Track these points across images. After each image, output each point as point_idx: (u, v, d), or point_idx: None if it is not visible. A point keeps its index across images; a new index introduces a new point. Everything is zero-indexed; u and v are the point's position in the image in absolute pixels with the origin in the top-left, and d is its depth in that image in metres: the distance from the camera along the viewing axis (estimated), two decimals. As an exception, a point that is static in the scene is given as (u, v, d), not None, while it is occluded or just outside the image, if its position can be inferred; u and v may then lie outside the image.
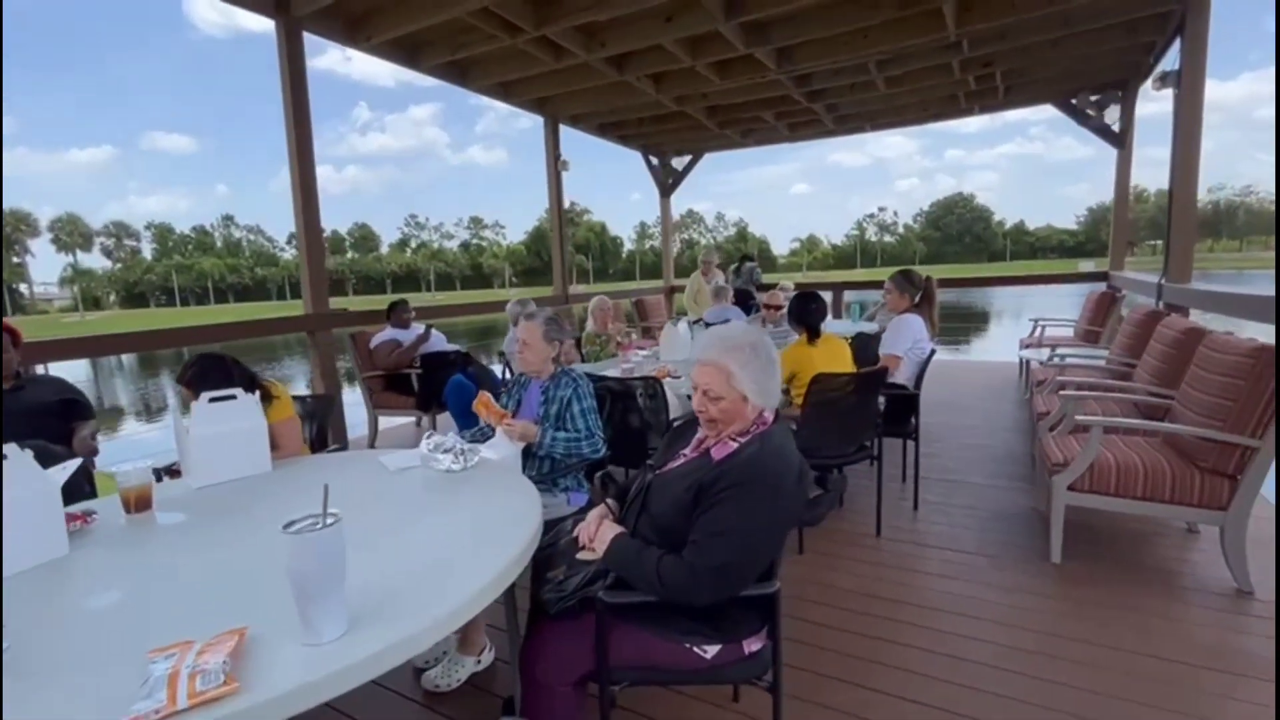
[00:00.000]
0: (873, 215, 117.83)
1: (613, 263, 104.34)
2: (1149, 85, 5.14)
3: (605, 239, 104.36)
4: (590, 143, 8.03)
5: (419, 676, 2.02)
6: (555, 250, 7.55)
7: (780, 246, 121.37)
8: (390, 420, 5.20)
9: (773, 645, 1.38)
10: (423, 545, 1.38)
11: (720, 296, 5.80)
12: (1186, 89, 4.10)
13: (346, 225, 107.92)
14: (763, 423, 1.39)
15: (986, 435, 4.54)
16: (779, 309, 5.16)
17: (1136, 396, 3.11)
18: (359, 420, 5.10)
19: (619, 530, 1.41)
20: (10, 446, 1.40)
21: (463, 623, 1.14)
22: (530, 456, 2.21)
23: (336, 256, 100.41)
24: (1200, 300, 3.83)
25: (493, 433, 2.23)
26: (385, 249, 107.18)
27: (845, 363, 3.09)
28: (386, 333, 4.96)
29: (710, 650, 1.33)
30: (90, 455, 2.72)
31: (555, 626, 1.38)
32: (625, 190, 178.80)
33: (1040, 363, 4.64)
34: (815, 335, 3.08)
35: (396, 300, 5.12)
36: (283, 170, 4.50)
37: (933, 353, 3.38)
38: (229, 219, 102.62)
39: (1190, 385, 2.62)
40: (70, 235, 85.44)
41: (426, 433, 1.94)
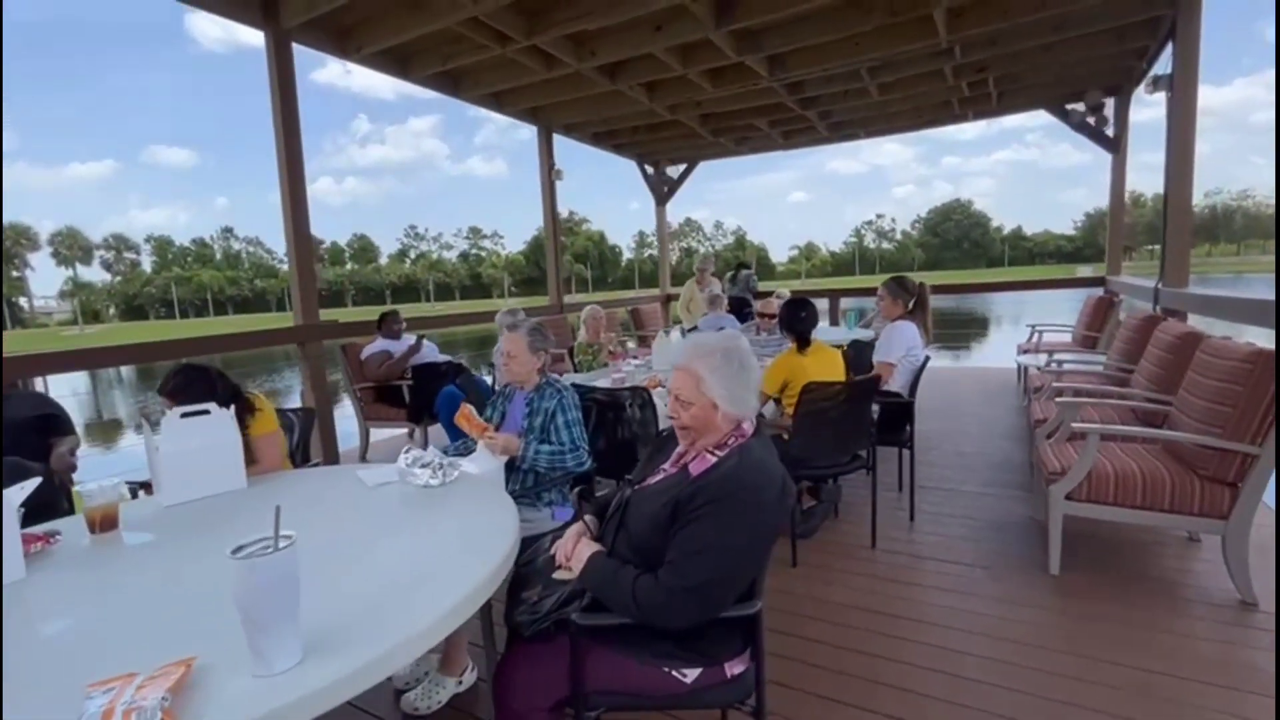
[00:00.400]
0: (870, 222, 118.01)
1: (612, 271, 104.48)
2: (1142, 89, 5.14)
3: (604, 248, 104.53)
4: (589, 152, 8.02)
5: (399, 699, 1.96)
6: (550, 260, 7.52)
7: (779, 254, 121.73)
8: (382, 432, 5.16)
9: (756, 667, 1.33)
10: (393, 564, 1.34)
11: (715, 305, 5.76)
12: (1179, 92, 4.07)
13: (346, 237, 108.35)
14: (741, 435, 1.34)
15: (983, 443, 4.48)
16: (773, 317, 5.13)
17: (1134, 403, 3.07)
18: (351, 432, 5.06)
19: (596, 549, 1.36)
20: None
21: (429, 646, 1.10)
22: (514, 470, 2.16)
23: (336, 268, 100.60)
24: (1198, 304, 3.79)
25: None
26: (384, 260, 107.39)
27: (837, 371, 3.05)
28: (377, 344, 4.92)
29: (690, 674, 1.27)
30: (68, 471, 2.68)
31: (529, 650, 1.33)
32: (624, 199, 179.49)
33: (1038, 368, 4.60)
34: (806, 344, 3.04)
35: (387, 311, 5.08)
36: (280, 182, 4.47)
37: (927, 360, 3.34)
38: (228, 231, 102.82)
39: (1188, 391, 2.57)
40: (70, 248, 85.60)
41: (405, 447, 1.90)
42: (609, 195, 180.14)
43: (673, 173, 9.32)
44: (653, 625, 1.22)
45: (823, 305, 7.56)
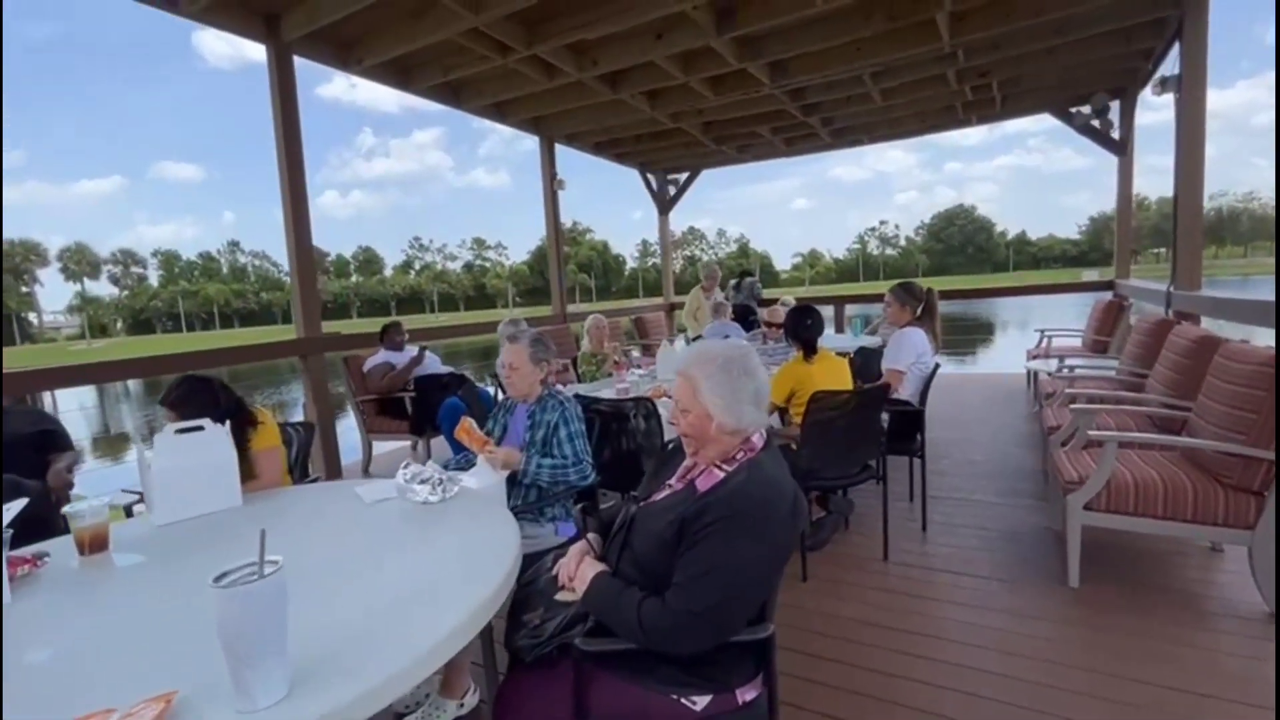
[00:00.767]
0: (874, 229, 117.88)
1: (615, 280, 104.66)
2: (1149, 91, 5.09)
3: (608, 257, 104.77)
4: (592, 162, 8.02)
5: (398, 722, 1.90)
6: (553, 270, 7.50)
7: (782, 261, 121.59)
8: (385, 445, 5.11)
9: (769, 693, 1.26)
10: (390, 584, 1.28)
11: (719, 313, 5.71)
12: (1188, 93, 4.02)
13: (351, 249, 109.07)
14: (750, 449, 1.28)
15: (994, 450, 4.41)
16: (780, 326, 5.07)
17: (1151, 409, 2.99)
18: (354, 444, 5.01)
19: (600, 569, 1.30)
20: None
21: (425, 676, 1.04)
22: (516, 485, 2.11)
23: (341, 280, 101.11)
24: (1212, 307, 3.72)
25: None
26: (389, 272, 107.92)
27: (844, 380, 2.99)
28: (380, 355, 4.89)
29: (700, 701, 1.21)
30: (65, 489, 2.64)
31: (531, 675, 1.27)
32: (627, 208, 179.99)
33: (1048, 374, 4.52)
34: (812, 352, 2.98)
35: (390, 322, 5.05)
36: (285, 192, 4.46)
37: (937, 367, 3.27)
38: (235, 245, 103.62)
39: (1208, 396, 2.50)
40: (78, 264, 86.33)
41: (404, 463, 1.85)
42: (612, 204, 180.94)
43: (675, 181, 9.31)
44: (659, 651, 1.17)
45: (828, 313, 7.50)
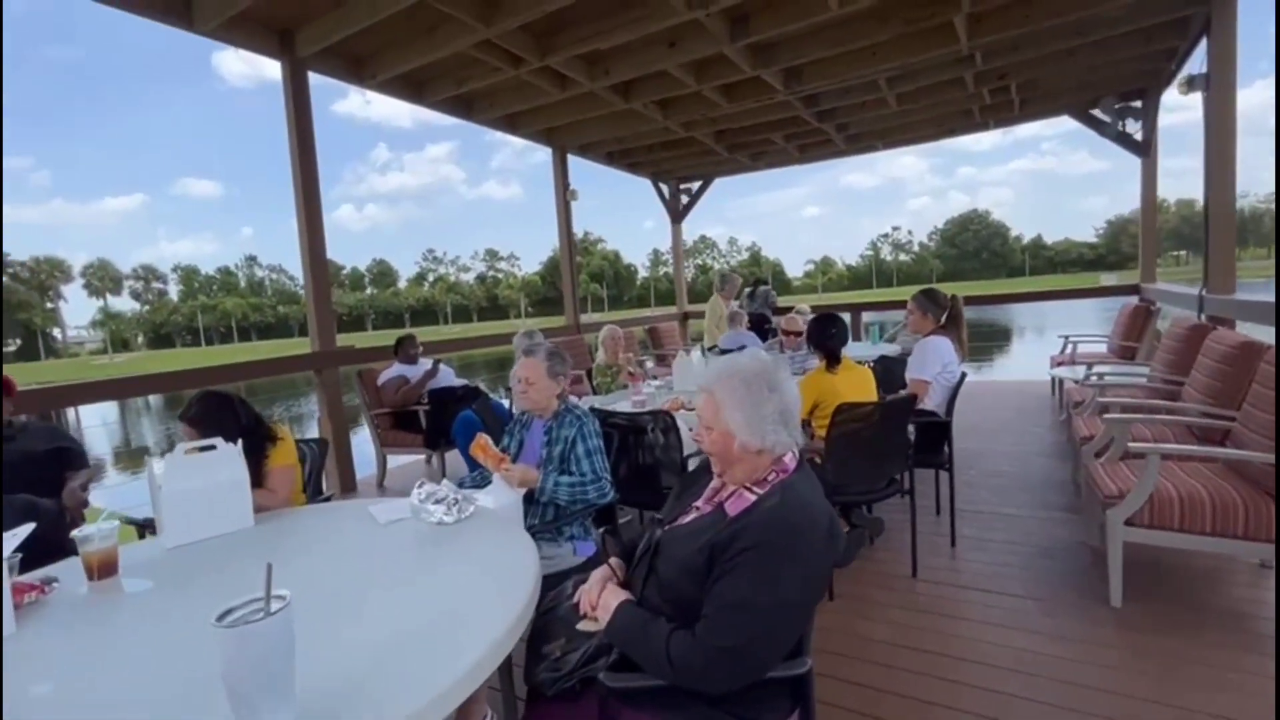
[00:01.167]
0: (887, 235, 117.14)
1: (627, 290, 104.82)
2: (1173, 91, 4.98)
3: (619, 267, 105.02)
4: (602, 171, 8.01)
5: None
6: (565, 281, 7.47)
7: (794, 269, 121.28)
8: (399, 458, 5.08)
9: (806, 729, 1.19)
10: (404, 614, 1.22)
11: (735, 322, 5.64)
12: (1217, 91, 3.91)
13: (366, 262, 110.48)
14: (783, 469, 1.21)
15: (1021, 461, 4.28)
16: (798, 334, 4.98)
17: (1190, 418, 2.87)
18: (369, 457, 4.99)
19: (624, 597, 1.23)
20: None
21: (443, 716, 0.98)
22: (533, 503, 2.05)
23: (357, 293, 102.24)
24: (1251, 312, 3.58)
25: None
26: (403, 284, 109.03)
27: (869, 391, 2.90)
28: (394, 369, 4.86)
29: (733, 739, 1.14)
30: (80, 507, 2.61)
31: (553, 710, 1.21)
32: (638, 218, 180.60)
33: (1076, 382, 4.39)
34: (836, 362, 2.90)
35: (404, 336, 5.03)
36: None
37: (964, 376, 3.18)
38: (252, 259, 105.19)
39: (1254, 405, 2.39)
40: (101, 280, 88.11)
41: (419, 482, 1.79)
42: (623, 214, 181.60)
43: (688, 190, 9.28)
44: (690, 688, 1.09)
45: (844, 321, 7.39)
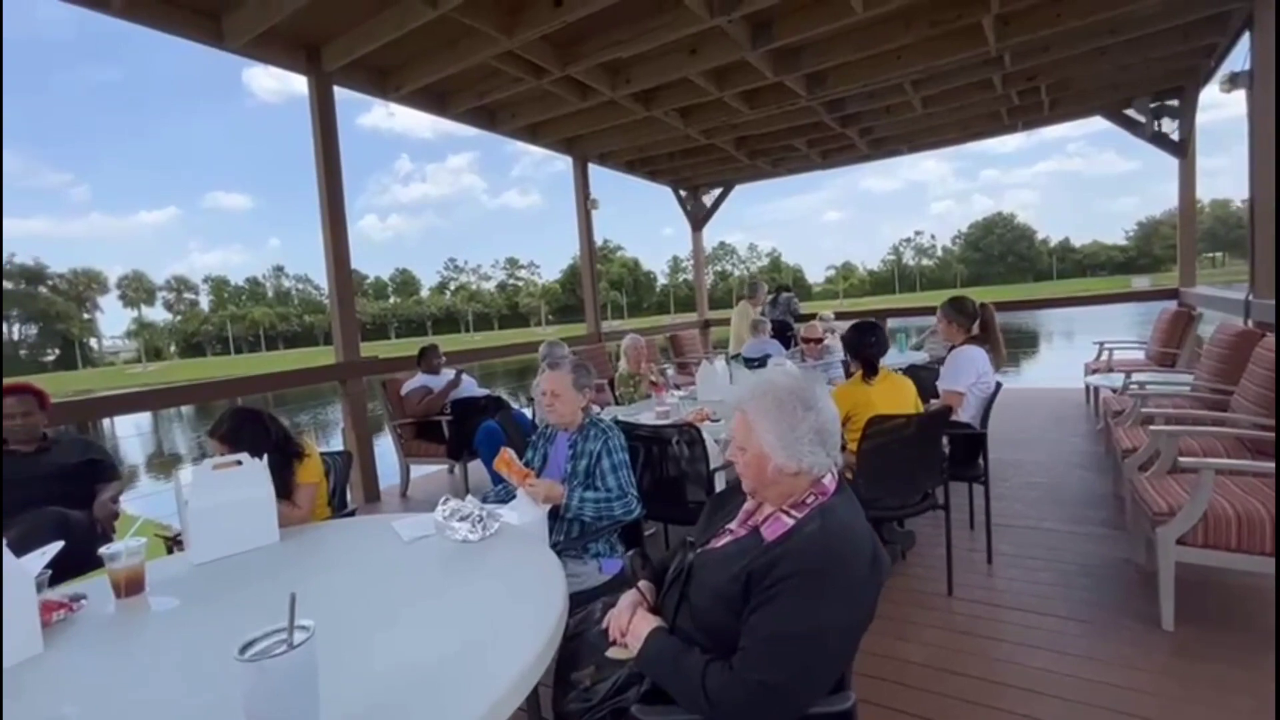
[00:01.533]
0: (909, 239, 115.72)
1: (647, 297, 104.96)
2: (1212, 89, 4.82)
3: (639, 274, 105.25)
4: (621, 179, 8.01)
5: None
6: (586, 289, 7.47)
7: (815, 275, 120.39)
8: (422, 468, 5.09)
9: (848, 767, 1.12)
10: (429, 641, 1.18)
11: (758, 330, 5.57)
12: (1261, 88, 3.76)
13: (389, 271, 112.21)
14: (822, 491, 1.16)
15: (1056, 473, 4.13)
16: (819, 342, 4.89)
17: (1242, 430, 2.74)
18: (392, 466, 5.00)
19: (655, 624, 1.18)
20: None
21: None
22: (558, 519, 2.01)
23: (380, 302, 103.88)
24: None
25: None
26: (425, 293, 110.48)
27: (908, 401, 2.79)
28: (417, 379, 4.88)
29: (770, 776, 1.08)
30: (110, 519, 2.65)
31: (582, 742, 1.16)
32: (657, 225, 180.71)
33: (1113, 390, 4.24)
34: (873, 372, 2.81)
35: (427, 346, 5.04)
36: (326, 222, 4.52)
37: (999, 386, 3.07)
38: (279, 270, 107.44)
39: (1313, 418, 2.27)
40: (136, 291, 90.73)
41: (443, 497, 1.77)
42: (642, 221, 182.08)
43: (709, 197, 9.24)
44: (726, 722, 1.04)
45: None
